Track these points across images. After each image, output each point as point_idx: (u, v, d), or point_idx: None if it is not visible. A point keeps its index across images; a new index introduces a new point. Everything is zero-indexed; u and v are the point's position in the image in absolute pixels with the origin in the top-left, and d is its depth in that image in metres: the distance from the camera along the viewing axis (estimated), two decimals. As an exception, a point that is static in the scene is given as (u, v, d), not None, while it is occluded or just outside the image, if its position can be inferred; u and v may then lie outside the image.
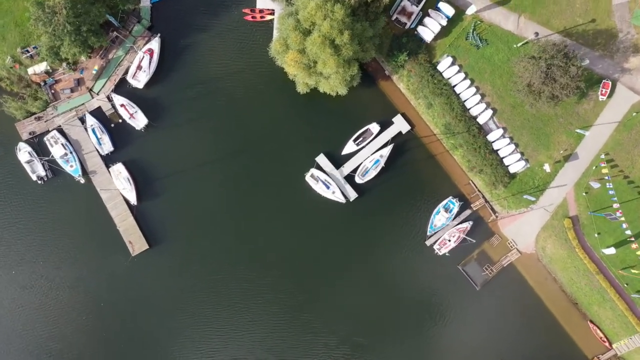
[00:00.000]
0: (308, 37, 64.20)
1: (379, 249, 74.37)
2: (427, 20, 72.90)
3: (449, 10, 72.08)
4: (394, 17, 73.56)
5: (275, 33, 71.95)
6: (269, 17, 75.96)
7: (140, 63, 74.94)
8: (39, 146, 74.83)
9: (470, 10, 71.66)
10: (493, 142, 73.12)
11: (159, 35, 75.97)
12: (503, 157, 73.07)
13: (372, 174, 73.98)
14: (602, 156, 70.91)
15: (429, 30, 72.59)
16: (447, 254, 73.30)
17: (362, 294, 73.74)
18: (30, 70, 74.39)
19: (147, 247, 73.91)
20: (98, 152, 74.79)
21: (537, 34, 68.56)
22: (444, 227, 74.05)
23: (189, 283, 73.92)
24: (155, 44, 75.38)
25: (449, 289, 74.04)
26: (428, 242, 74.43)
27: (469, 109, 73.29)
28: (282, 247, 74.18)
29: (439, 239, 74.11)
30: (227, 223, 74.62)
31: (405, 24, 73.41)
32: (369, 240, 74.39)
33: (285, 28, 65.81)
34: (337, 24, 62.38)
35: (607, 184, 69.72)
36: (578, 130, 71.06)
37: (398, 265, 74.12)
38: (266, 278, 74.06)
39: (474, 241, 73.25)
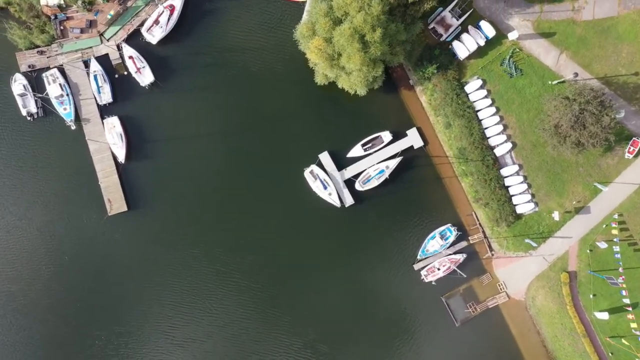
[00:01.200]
0: (338, 26, 60.33)
1: (363, 263, 71.13)
2: (464, 36, 68.99)
3: (490, 31, 68.19)
4: (430, 26, 69.67)
5: (305, 15, 68.06)
6: (302, -2, 72.08)
7: (159, 18, 71.11)
8: (35, 81, 71.01)
9: (511, 36, 67.74)
10: (506, 177, 69.55)
11: (184, -8, 72.20)
12: (512, 195, 69.52)
13: (373, 183, 70.37)
14: (615, 216, 67.47)
15: (464, 47, 68.67)
16: (433, 283, 69.72)
17: (336, 303, 70.82)
18: (43, 1, 70.50)
19: (125, 209, 70.56)
20: (96, 100, 71.14)
21: (576, 74, 64.83)
22: (436, 254, 70.55)
23: (160, 253, 70.56)
24: (177, 0, 71.45)
25: (427, 319, 70.91)
26: (416, 266, 70.89)
27: (488, 137, 69.61)
28: (264, 238, 71.01)
29: (428, 265, 70.60)
30: (213, 201, 71.24)
31: (441, 35, 69.50)
32: (355, 251, 71.21)
33: (316, 12, 61.94)
34: (371, 19, 58.48)
35: (615, 246, 66.27)
36: (596, 184, 67.41)
37: (380, 283, 70.94)
38: (241, 265, 70.85)
39: (465, 276, 69.68)
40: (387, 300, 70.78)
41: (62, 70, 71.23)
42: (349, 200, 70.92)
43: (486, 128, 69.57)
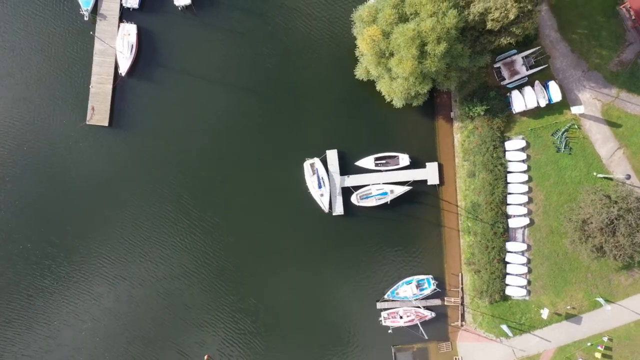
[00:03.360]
0: (402, 24, 53.17)
1: (327, 277, 65.25)
2: (527, 89, 61.95)
3: (556, 95, 61.12)
4: (496, 65, 62.66)
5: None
6: (376, -18, 64.87)
7: (221, -59, 63.95)
8: (64, -45, 64.38)
9: (576, 110, 60.88)
10: (509, 252, 62.95)
11: None
12: (508, 273, 62.96)
13: (371, 202, 63.77)
14: (605, 339, 61.27)
15: (522, 101, 61.68)
16: (390, 330, 63.09)
17: (283, 303, 65.34)
18: None
19: (106, 124, 64.43)
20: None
21: (628, 176, 58.18)
22: (405, 301, 64.07)
23: (125, 179, 64.78)
24: None
25: (368, 360, 64.75)
26: (379, 305, 64.47)
27: (508, 204, 62.76)
28: (238, 208, 65.40)
29: (392, 309, 64.06)
30: (200, 148, 65.10)
31: (504, 79, 62.54)
32: (324, 262, 65.28)
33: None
34: (440, 29, 51.36)
35: (592, 369, 59.82)
36: (599, 298, 60.91)
37: (335, 304, 65.10)
38: (204, 224, 65.18)
39: (426, 337, 63.00)
40: (335, 323, 64.98)
41: (97, -45, 64.44)
42: (338, 209, 64.31)
43: (510, 193, 62.78)
